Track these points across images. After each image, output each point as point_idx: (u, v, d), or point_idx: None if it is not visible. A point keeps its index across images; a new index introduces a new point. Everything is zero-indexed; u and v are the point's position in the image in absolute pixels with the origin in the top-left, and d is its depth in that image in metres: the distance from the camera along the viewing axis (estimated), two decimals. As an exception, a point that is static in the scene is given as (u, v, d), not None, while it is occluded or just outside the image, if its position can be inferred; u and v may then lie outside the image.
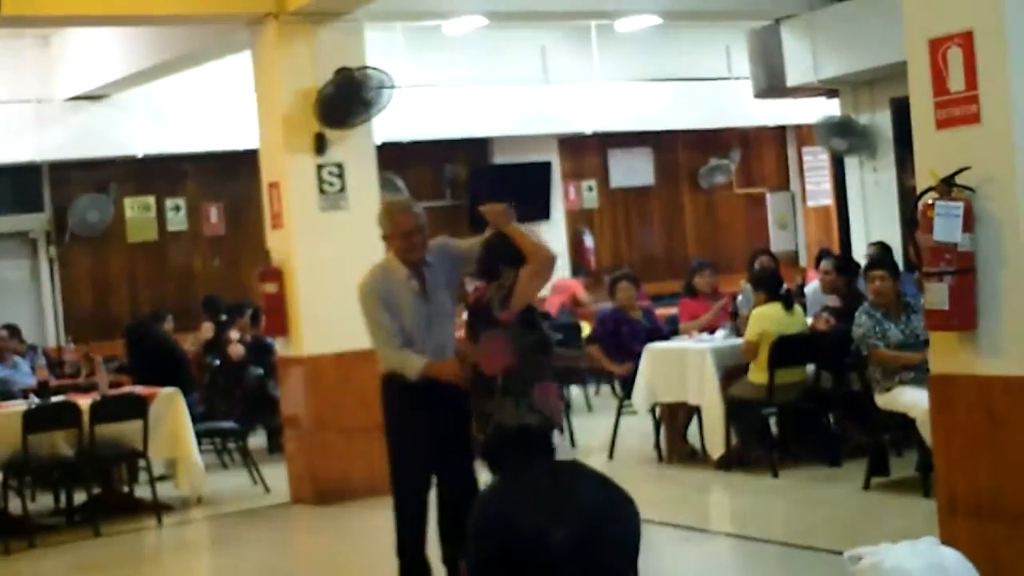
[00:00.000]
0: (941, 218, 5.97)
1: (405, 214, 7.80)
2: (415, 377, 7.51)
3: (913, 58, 6.36)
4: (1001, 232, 5.96)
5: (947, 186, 6.01)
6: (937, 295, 6.02)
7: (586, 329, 14.88)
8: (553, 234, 18.67)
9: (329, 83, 11.08)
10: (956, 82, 6.12)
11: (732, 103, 18.58)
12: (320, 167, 11.28)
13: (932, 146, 6.28)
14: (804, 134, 19.59)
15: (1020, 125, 5.94)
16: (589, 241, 19.50)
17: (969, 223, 5.97)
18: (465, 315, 8.22)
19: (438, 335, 7.77)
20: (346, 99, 11.14)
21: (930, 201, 6.06)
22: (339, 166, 11.34)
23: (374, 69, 11.24)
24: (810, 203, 20.85)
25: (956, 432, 6.23)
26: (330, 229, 11.25)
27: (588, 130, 18.55)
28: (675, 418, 11.93)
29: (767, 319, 11.05)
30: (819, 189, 20.25)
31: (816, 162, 20.12)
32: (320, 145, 11.21)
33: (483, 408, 7.48)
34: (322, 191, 11.28)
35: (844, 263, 12.75)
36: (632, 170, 20.00)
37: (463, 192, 18.43)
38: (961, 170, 6.00)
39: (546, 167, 19.04)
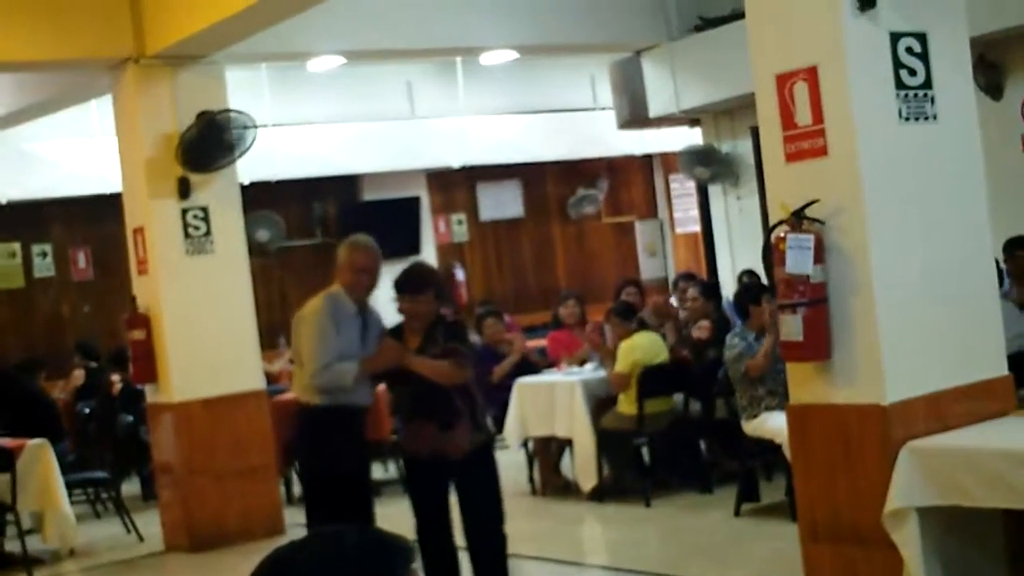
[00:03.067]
0: (793, 251, 6.07)
1: (363, 251, 8.01)
2: (355, 379, 7.68)
3: (761, 93, 6.46)
4: (851, 263, 6.07)
5: (797, 219, 6.11)
6: (791, 327, 6.12)
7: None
8: (424, 269, 18.68)
9: (191, 127, 11.03)
10: (803, 116, 6.23)
11: (598, 133, 18.76)
12: (185, 211, 11.22)
13: (782, 179, 6.38)
14: (671, 162, 19.79)
15: (866, 157, 6.07)
16: (460, 275, 19.55)
17: (820, 255, 6.07)
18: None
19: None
20: (208, 142, 11.09)
21: (782, 234, 6.16)
22: (204, 209, 11.28)
23: (236, 112, 11.20)
24: (679, 230, 21.06)
25: (814, 460, 6.33)
26: (196, 273, 11.20)
27: (456, 164, 18.61)
28: (547, 451, 12.00)
29: (639, 349, 11.14)
30: (687, 216, 20.47)
31: (683, 189, 20.34)
32: (184, 189, 11.15)
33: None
34: (187, 235, 11.22)
35: (710, 288, 12.92)
36: (501, 203, 20.10)
37: (334, 230, 18.40)
38: (811, 203, 6.11)
39: (415, 202, 19.09)
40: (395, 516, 7.17)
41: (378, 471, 12.24)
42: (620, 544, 10.32)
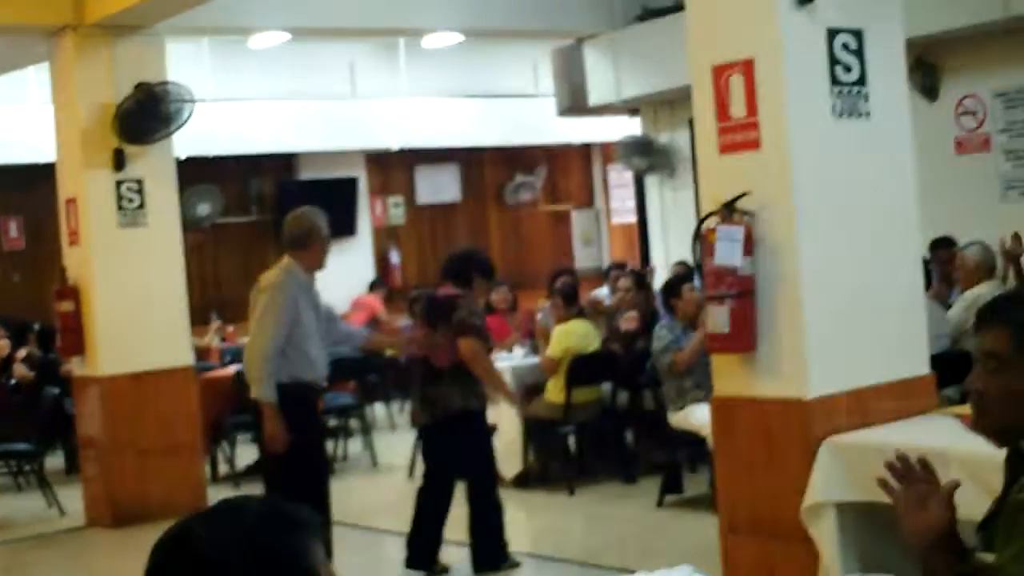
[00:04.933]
0: (722, 242, 6.09)
1: (326, 223, 8.15)
2: (267, 395, 7.79)
3: (697, 84, 6.48)
4: (780, 256, 6.09)
5: (728, 211, 6.13)
6: (718, 318, 6.13)
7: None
8: (359, 251, 18.68)
9: (128, 98, 10.92)
10: (738, 108, 6.25)
11: (538, 120, 18.73)
12: (119, 183, 11.10)
13: (715, 171, 6.41)
14: (610, 152, 19.80)
15: (798, 151, 6.09)
16: (395, 258, 19.51)
17: (749, 247, 6.09)
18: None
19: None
20: (145, 114, 10.99)
21: (712, 225, 6.18)
22: (139, 182, 11.17)
23: (174, 84, 11.11)
24: (615, 220, 21.07)
25: (737, 453, 6.35)
26: (128, 246, 11.09)
27: (395, 146, 18.55)
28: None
29: (572, 335, 11.14)
30: (624, 207, 20.47)
31: (621, 180, 20.34)
32: (119, 161, 11.03)
33: (428, 394, 8.49)
34: (120, 208, 11.10)
35: (641, 279, 12.95)
36: (439, 186, 20.07)
37: (270, 208, 18.32)
38: (742, 195, 6.12)
39: (353, 183, 19.02)
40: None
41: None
42: (542, 532, 10.30)
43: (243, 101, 16.99)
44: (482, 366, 8.54)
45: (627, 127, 16.12)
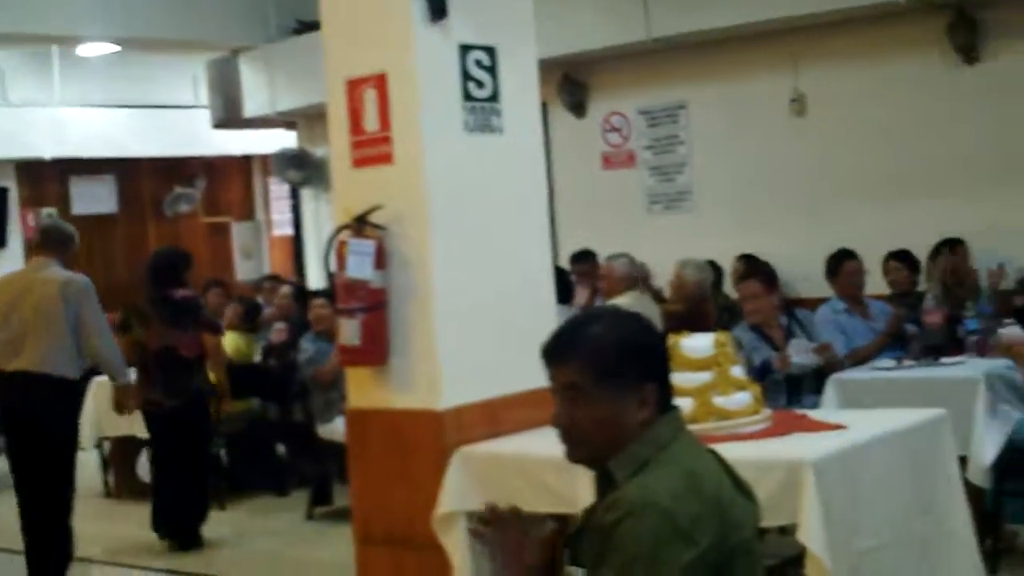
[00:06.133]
0: (354, 255, 6.10)
1: None
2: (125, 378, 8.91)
3: (332, 98, 6.47)
4: (412, 270, 6.13)
5: (360, 224, 6.15)
6: (349, 331, 6.14)
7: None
8: (9, 263, 18.10)
9: None
10: (371, 122, 6.27)
11: (198, 132, 18.47)
12: None
13: (349, 184, 6.41)
14: (270, 164, 19.70)
15: (430, 166, 6.14)
16: (49, 270, 18.96)
17: (381, 260, 6.12)
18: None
19: None
20: None
21: (344, 239, 6.19)
22: None
23: None
24: (275, 232, 20.94)
25: (371, 464, 6.36)
26: None
27: (48, 155, 18.06)
28: (125, 453, 11.77)
29: (230, 348, 11.10)
30: (284, 219, 20.36)
31: (281, 192, 20.24)
32: None
33: (176, 381, 9.63)
34: None
35: (301, 291, 12.94)
36: (95, 197, 19.59)
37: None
38: (374, 208, 6.15)
39: (2, 193, 18.44)
40: None
41: None
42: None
43: None
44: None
45: (285, 140, 16.07)
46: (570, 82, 13.02)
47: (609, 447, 3.18)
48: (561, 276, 9.49)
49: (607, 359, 3.18)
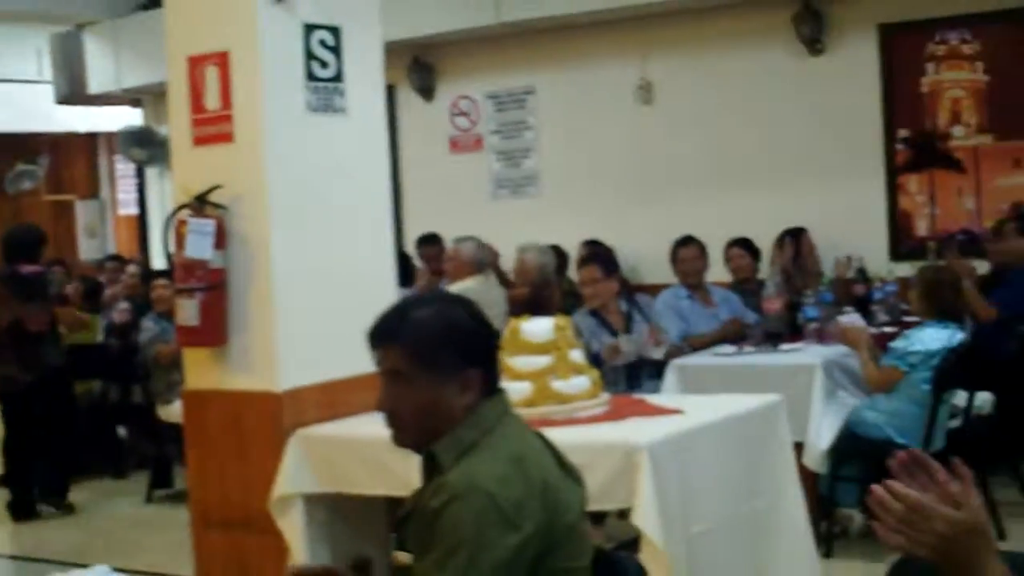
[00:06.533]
0: (193, 235, 6.04)
1: None
2: None
3: (173, 75, 6.40)
4: (252, 250, 6.09)
5: (200, 203, 6.09)
6: (188, 311, 6.08)
7: None
8: None
9: None
10: (213, 101, 6.21)
11: (42, 107, 18.07)
12: None
13: (189, 163, 6.33)
14: (115, 142, 19.37)
15: (271, 146, 6.09)
16: None
17: (221, 240, 6.06)
18: None
19: None
20: None
21: (184, 218, 6.12)
22: None
23: None
24: (121, 211, 20.61)
25: (208, 446, 6.30)
26: None
27: None
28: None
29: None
30: (129, 198, 20.02)
31: (127, 170, 19.91)
32: None
33: (28, 354, 9.92)
34: None
35: (146, 272, 12.79)
36: (-68, 173, 19.17)
37: None
38: (214, 188, 6.09)
39: None
40: None
41: None
42: (24, 532, 9.98)
43: None
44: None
45: (130, 117, 15.84)
46: (419, 65, 13.00)
47: (432, 432, 3.17)
48: (403, 259, 9.48)
49: (428, 345, 3.17)
